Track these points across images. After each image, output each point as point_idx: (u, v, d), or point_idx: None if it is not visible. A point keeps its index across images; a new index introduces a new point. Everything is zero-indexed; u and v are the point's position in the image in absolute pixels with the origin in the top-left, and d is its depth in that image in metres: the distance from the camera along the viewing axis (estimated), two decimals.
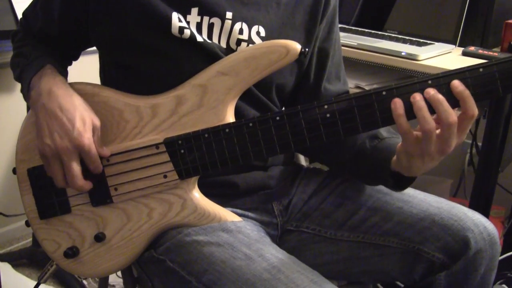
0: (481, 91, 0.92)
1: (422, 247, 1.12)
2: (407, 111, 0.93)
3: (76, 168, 1.03)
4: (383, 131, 1.15)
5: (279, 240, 1.24)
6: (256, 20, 1.11)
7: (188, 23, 1.06)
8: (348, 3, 2.23)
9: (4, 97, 2.18)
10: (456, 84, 0.91)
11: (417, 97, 0.92)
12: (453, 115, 0.91)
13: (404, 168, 1.01)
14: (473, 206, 1.83)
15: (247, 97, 1.10)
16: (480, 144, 1.84)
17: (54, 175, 1.05)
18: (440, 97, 0.91)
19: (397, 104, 0.93)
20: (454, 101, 0.92)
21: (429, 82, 0.93)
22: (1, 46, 1.84)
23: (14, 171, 1.14)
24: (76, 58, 1.28)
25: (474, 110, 0.91)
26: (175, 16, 1.05)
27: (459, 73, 0.92)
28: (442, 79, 0.93)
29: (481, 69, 0.92)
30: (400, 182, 1.08)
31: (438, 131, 0.92)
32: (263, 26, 1.11)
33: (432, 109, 0.92)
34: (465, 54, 1.86)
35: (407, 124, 0.94)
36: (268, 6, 1.12)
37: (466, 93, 0.91)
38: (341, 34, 1.27)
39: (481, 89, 0.92)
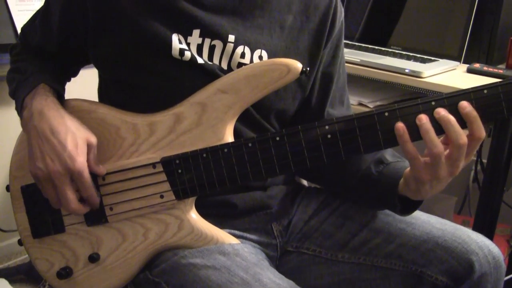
0: (485, 113, 0.91)
1: (425, 270, 1.10)
2: (412, 133, 0.92)
3: (69, 192, 1.01)
4: (388, 155, 1.13)
5: (279, 261, 1.21)
6: (259, 44, 1.09)
7: (188, 44, 1.05)
8: (353, 19, 2.22)
9: (1, 111, 2.16)
10: (464, 105, 0.90)
11: (424, 119, 0.91)
12: (463, 136, 0.90)
13: (412, 192, 1.01)
14: (478, 224, 1.81)
15: (247, 120, 1.09)
16: (485, 161, 1.81)
17: (49, 197, 1.04)
18: (451, 118, 0.90)
19: (401, 130, 0.92)
20: (461, 122, 0.91)
21: (433, 103, 0.92)
22: (0, 59, 1.83)
23: (8, 188, 1.12)
24: (75, 75, 1.27)
25: (481, 132, 0.91)
26: (175, 38, 1.04)
27: (464, 94, 0.91)
28: (446, 100, 0.92)
29: (485, 91, 0.91)
30: (408, 206, 1.07)
31: (446, 152, 0.92)
32: (266, 50, 1.09)
33: (438, 131, 0.91)
34: (470, 71, 1.84)
35: (414, 149, 0.93)
36: (271, 29, 1.10)
37: (474, 114, 0.90)
38: (345, 50, 1.25)
39: (486, 110, 0.91)
